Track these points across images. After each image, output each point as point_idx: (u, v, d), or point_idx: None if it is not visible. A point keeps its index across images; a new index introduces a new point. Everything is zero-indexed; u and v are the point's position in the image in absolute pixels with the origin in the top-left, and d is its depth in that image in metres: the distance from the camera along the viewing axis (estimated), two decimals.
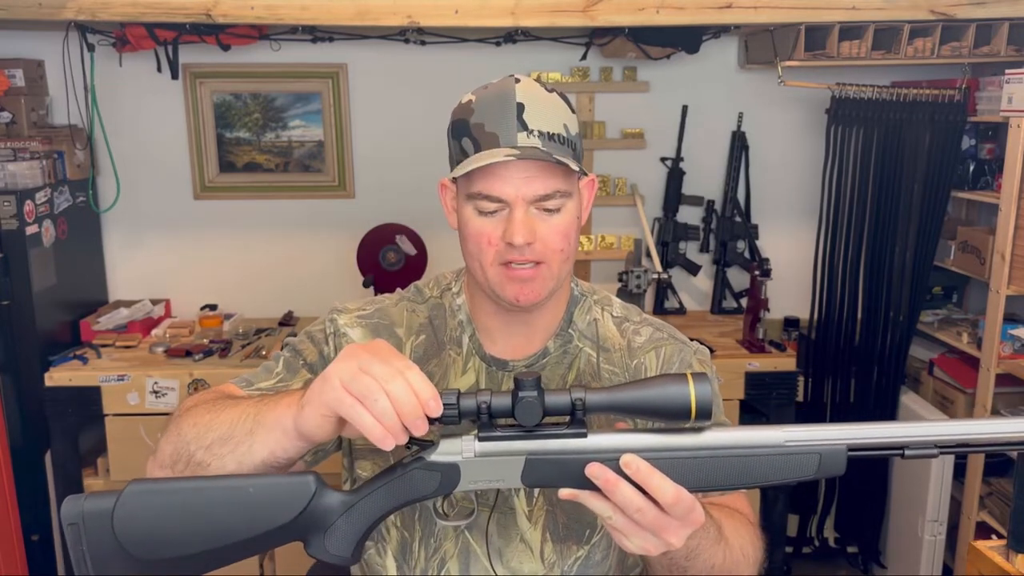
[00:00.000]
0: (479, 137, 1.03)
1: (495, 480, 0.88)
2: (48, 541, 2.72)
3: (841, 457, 0.86)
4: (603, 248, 3.20)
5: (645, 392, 0.85)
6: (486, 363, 1.15)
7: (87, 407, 2.58)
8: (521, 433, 0.87)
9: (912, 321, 2.90)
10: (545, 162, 1.01)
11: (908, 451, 0.85)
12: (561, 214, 1.05)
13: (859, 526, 3.04)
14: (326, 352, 1.15)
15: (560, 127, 1.04)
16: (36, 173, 2.65)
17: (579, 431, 0.87)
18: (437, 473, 0.88)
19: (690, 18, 2.55)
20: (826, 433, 0.87)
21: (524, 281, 1.05)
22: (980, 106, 2.77)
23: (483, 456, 0.88)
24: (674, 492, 0.84)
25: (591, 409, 0.86)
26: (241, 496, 0.84)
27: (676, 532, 0.86)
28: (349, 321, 1.17)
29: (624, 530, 0.86)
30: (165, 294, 3.14)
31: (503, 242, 1.03)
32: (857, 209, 2.89)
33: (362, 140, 3.13)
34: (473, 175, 1.03)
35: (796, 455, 0.86)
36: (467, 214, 1.06)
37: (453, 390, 0.86)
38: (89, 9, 2.44)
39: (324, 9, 2.50)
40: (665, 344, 1.19)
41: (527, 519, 1.13)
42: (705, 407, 0.84)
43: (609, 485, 0.84)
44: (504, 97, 1.03)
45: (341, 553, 0.89)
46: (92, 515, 0.84)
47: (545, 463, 0.87)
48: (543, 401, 0.85)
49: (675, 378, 0.85)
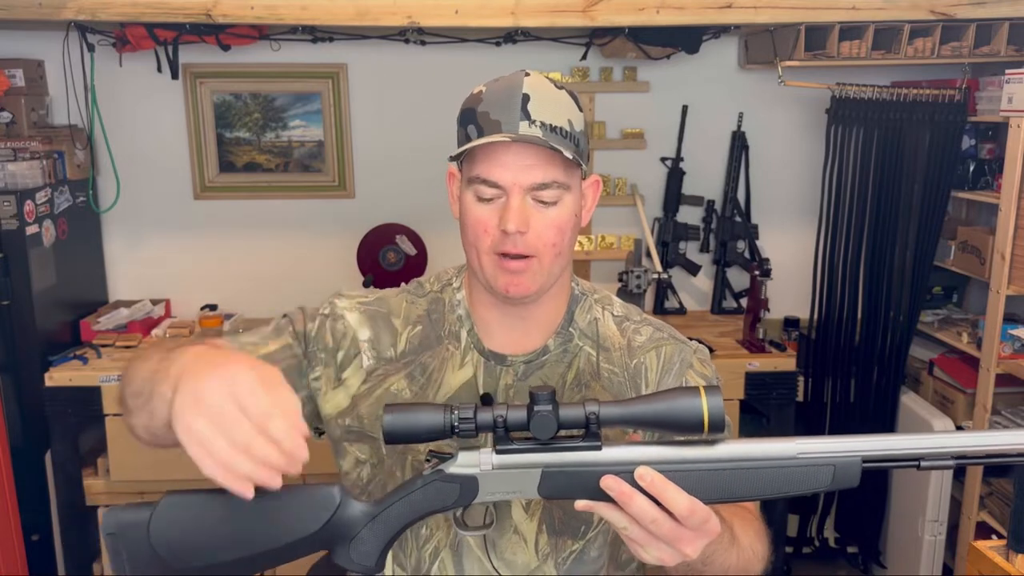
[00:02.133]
0: (483, 124, 1.04)
1: (512, 492, 0.90)
2: (48, 541, 2.72)
3: (855, 469, 0.86)
4: (603, 248, 3.20)
5: (658, 406, 0.86)
6: (484, 357, 1.15)
7: (87, 407, 2.58)
8: (537, 446, 0.89)
9: (912, 321, 2.90)
10: (544, 152, 1.02)
11: (924, 462, 0.85)
12: (558, 207, 1.05)
13: (859, 526, 3.04)
14: (311, 328, 1.15)
15: (564, 121, 1.05)
16: (36, 173, 2.65)
17: (594, 444, 0.88)
18: (456, 485, 0.90)
19: (690, 18, 2.56)
20: (840, 445, 0.87)
21: (514, 273, 1.06)
22: (980, 106, 2.77)
23: (500, 468, 0.89)
24: (688, 504, 0.84)
25: (605, 423, 0.87)
26: (269, 508, 0.86)
27: (692, 543, 0.86)
28: (348, 305, 1.18)
29: (640, 541, 0.87)
30: (165, 294, 3.14)
31: (498, 230, 1.04)
32: (857, 209, 2.89)
33: (362, 140, 3.13)
34: (475, 160, 1.05)
35: (810, 467, 0.86)
36: (467, 201, 1.07)
37: (470, 404, 0.88)
38: (89, 9, 2.44)
39: (324, 9, 2.50)
40: (665, 344, 1.19)
41: (523, 511, 1.14)
42: (718, 420, 0.84)
43: (624, 497, 0.85)
44: (512, 87, 1.05)
45: (366, 563, 0.92)
46: (129, 525, 0.87)
47: (561, 475, 0.88)
48: (558, 415, 0.86)
49: (688, 391, 0.85)
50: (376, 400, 1.13)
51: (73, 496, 2.68)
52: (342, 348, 1.15)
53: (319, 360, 1.14)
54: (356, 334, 1.16)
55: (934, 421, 2.74)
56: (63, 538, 2.73)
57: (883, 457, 0.86)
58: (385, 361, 1.15)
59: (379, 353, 1.15)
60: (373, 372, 1.15)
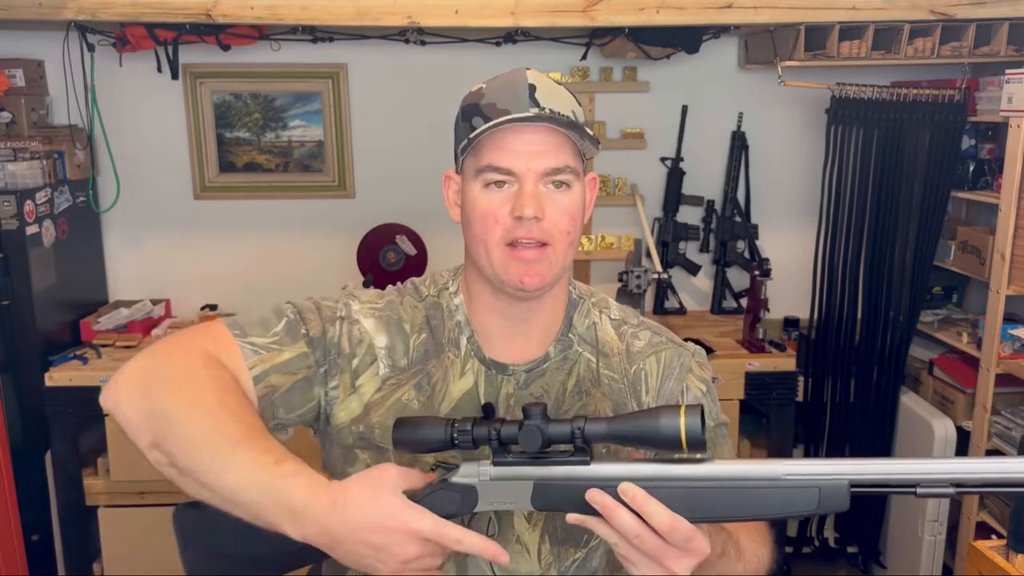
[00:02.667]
0: (490, 114, 1.02)
1: (509, 503, 0.95)
2: (48, 541, 2.72)
3: (843, 492, 0.86)
4: (603, 248, 3.20)
5: (639, 423, 0.89)
6: (485, 366, 1.14)
7: (87, 407, 2.57)
8: (530, 459, 0.93)
9: (912, 321, 2.90)
10: (555, 137, 1.02)
11: (921, 489, 0.84)
12: (570, 194, 1.04)
13: (859, 526, 3.04)
14: (331, 334, 1.10)
15: (569, 112, 1.04)
16: (36, 173, 2.65)
17: (582, 459, 0.92)
18: (457, 494, 0.95)
19: (690, 18, 2.55)
20: (827, 468, 0.87)
21: (529, 263, 1.03)
22: (980, 106, 2.77)
23: (497, 480, 0.95)
24: (670, 520, 0.86)
25: (590, 438, 0.91)
26: None
27: (678, 560, 0.88)
28: (363, 310, 1.14)
29: (628, 557, 0.89)
30: (165, 294, 3.14)
31: (511, 218, 1.02)
32: (857, 209, 2.89)
33: (362, 140, 3.13)
34: (483, 149, 1.02)
35: (795, 488, 0.87)
36: (474, 193, 1.05)
37: (469, 419, 0.94)
38: (89, 9, 2.44)
39: (324, 9, 2.50)
40: (665, 349, 1.18)
41: (525, 521, 1.13)
42: (695, 439, 0.86)
43: (607, 510, 0.88)
44: (515, 80, 1.04)
45: None
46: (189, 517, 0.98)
47: (552, 488, 0.93)
48: (545, 429, 0.91)
49: (668, 410, 0.88)
50: (387, 410, 1.11)
51: (73, 496, 2.68)
52: (357, 355, 1.11)
53: (338, 367, 1.11)
54: (373, 341, 1.12)
55: (934, 421, 2.74)
56: (63, 538, 2.73)
57: (872, 482, 0.86)
58: (399, 370, 1.13)
59: (394, 362, 1.12)
60: (387, 381, 1.12)
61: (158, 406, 0.95)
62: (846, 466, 0.87)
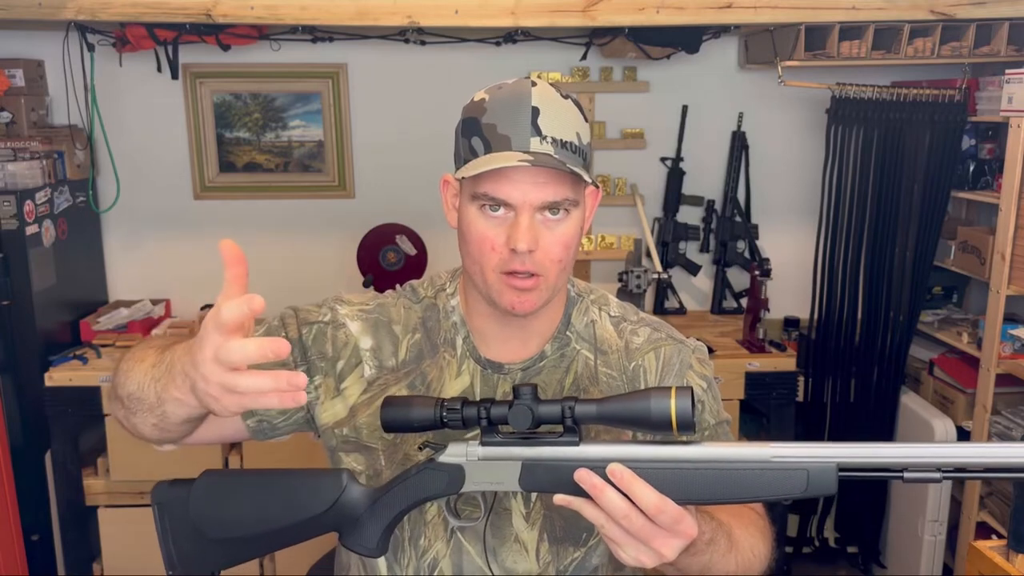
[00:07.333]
0: (490, 138, 1.01)
1: (496, 483, 0.95)
2: (48, 541, 2.72)
3: (831, 475, 0.86)
4: (603, 248, 3.20)
5: (629, 404, 0.89)
6: (481, 366, 1.14)
7: (87, 407, 2.58)
8: (518, 440, 0.94)
9: (912, 321, 2.90)
10: (556, 170, 1.00)
11: (908, 473, 0.84)
12: (566, 224, 1.04)
13: (859, 526, 3.04)
14: (306, 334, 1.13)
15: (573, 135, 1.03)
16: (36, 173, 2.65)
17: (571, 439, 0.92)
18: (444, 474, 0.96)
19: (690, 18, 2.55)
20: (816, 451, 0.87)
21: (522, 291, 1.04)
22: (980, 106, 2.77)
23: (484, 459, 0.95)
24: (657, 500, 0.86)
25: (580, 419, 0.91)
26: (284, 488, 0.99)
27: (666, 542, 0.88)
28: (350, 313, 1.16)
29: (616, 539, 0.89)
30: (165, 294, 3.14)
31: (506, 248, 1.02)
32: (857, 209, 2.89)
33: (362, 140, 3.13)
34: (481, 176, 1.01)
35: (783, 471, 0.87)
36: (471, 215, 1.04)
37: (459, 398, 0.93)
38: (89, 9, 2.43)
39: (324, 9, 2.50)
40: (664, 344, 1.18)
41: (524, 520, 1.13)
42: (686, 420, 0.86)
43: (595, 490, 0.88)
44: (519, 99, 1.02)
45: (367, 544, 0.99)
46: (173, 498, 1.00)
47: (540, 468, 0.93)
48: (535, 408, 0.91)
49: (658, 392, 0.88)
50: (375, 411, 1.11)
51: (73, 496, 2.68)
52: (342, 358, 1.13)
53: (318, 369, 1.13)
54: (358, 343, 1.14)
55: (934, 421, 2.74)
56: (63, 538, 2.73)
57: (861, 465, 0.86)
58: (387, 370, 1.14)
59: (381, 362, 1.14)
60: (375, 382, 1.14)
61: (118, 367, 1.04)
62: (835, 449, 0.87)
